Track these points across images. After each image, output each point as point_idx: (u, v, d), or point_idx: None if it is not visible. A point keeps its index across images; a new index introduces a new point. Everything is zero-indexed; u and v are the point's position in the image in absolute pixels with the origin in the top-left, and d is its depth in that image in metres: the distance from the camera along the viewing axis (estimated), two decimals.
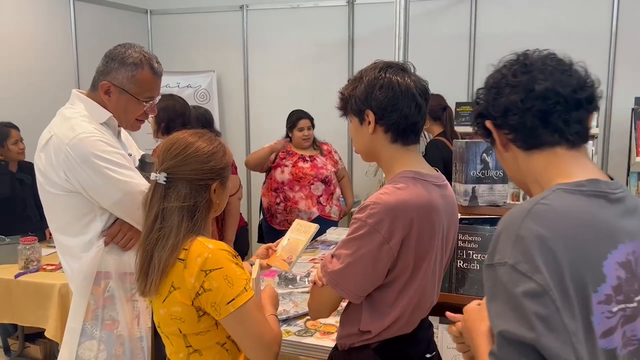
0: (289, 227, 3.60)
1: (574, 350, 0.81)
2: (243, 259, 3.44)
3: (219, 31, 5.10)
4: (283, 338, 1.93)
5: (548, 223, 0.87)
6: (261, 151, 3.71)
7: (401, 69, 1.42)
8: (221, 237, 2.99)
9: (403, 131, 1.41)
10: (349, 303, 1.45)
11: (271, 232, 3.70)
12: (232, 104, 5.16)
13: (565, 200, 0.91)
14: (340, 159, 3.88)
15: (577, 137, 0.98)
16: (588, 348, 0.84)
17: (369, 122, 1.40)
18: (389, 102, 1.37)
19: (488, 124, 1.02)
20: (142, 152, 1.95)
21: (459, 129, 4.01)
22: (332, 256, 1.38)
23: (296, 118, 3.68)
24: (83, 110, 1.71)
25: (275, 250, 1.72)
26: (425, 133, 3.90)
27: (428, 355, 1.49)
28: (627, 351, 0.89)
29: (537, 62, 0.98)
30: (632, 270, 0.89)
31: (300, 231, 1.69)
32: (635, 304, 0.89)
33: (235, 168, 3.08)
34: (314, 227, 1.66)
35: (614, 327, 0.86)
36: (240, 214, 3.31)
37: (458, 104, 4.15)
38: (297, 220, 1.76)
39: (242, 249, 3.35)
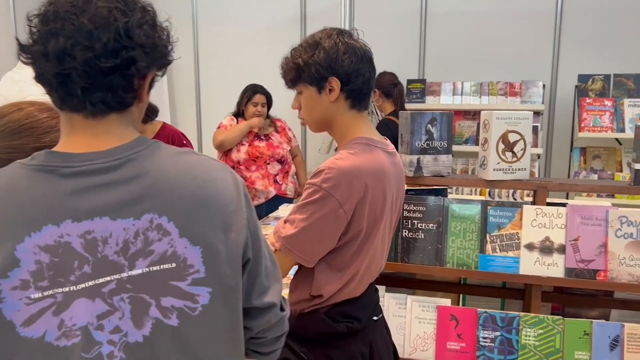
0: None
1: None
2: None
3: (166, 5, 4.88)
4: None
5: None
6: (237, 129, 3.55)
7: (350, 34, 1.44)
8: None
9: (364, 96, 1.43)
10: (299, 269, 1.46)
11: None
12: (182, 82, 5.03)
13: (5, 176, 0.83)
14: (294, 136, 3.86)
15: (103, 105, 0.84)
16: (3, 336, 0.78)
17: (331, 90, 1.39)
18: (354, 67, 1.38)
19: None
20: None
21: (410, 105, 4.05)
22: (285, 221, 1.38)
23: (252, 92, 3.61)
24: (32, 73, 1.66)
25: None
26: (378, 111, 3.93)
27: (375, 318, 1.52)
28: (72, 343, 0.79)
29: (66, 14, 0.80)
30: (72, 252, 0.79)
31: None
32: (68, 289, 0.79)
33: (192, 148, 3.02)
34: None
35: (36, 315, 0.78)
36: None
37: (409, 81, 4.18)
38: None
39: None
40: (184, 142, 3.07)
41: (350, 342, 1.44)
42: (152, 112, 2.94)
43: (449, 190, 2.00)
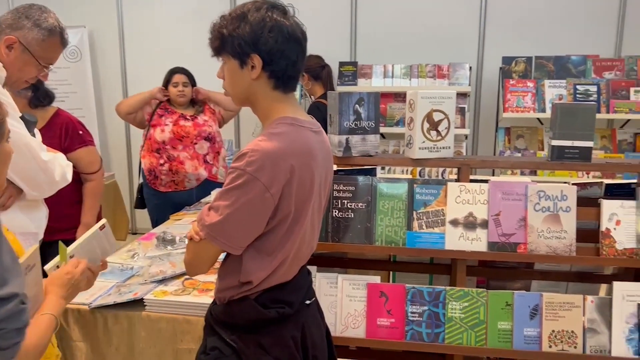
0: (175, 189, 3.46)
1: None
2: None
3: None
4: (160, 298, 1.87)
5: None
6: (138, 96, 3.51)
7: (283, 10, 1.36)
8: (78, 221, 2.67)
9: (288, 78, 1.37)
10: (227, 255, 1.41)
11: (155, 196, 3.53)
12: (106, 63, 4.82)
13: None
14: (215, 107, 3.72)
15: None
16: None
17: (253, 67, 1.33)
18: (279, 47, 1.32)
19: None
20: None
21: (342, 88, 4.07)
22: (209, 208, 1.32)
23: (170, 73, 3.54)
24: None
25: None
26: (310, 95, 3.92)
27: (308, 302, 1.50)
28: None
29: None
30: None
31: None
32: None
33: (90, 140, 2.70)
34: (100, 222, 1.54)
35: None
36: None
37: (341, 64, 4.19)
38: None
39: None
40: (80, 131, 2.65)
41: (282, 327, 1.41)
42: (44, 96, 2.60)
43: (381, 170, 2.02)
